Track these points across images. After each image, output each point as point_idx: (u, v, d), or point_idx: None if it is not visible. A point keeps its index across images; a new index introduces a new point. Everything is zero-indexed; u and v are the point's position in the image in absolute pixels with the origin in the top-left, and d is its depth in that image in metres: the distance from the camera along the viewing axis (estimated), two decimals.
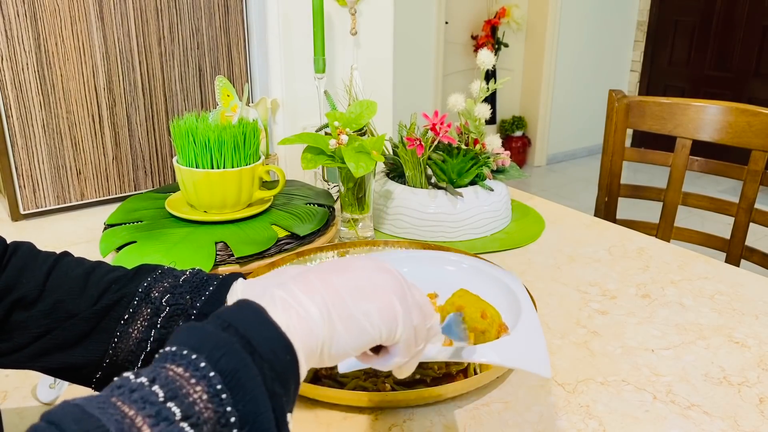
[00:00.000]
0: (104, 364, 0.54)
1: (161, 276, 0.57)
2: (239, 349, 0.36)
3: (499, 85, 1.11)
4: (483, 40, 4.40)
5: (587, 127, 4.78)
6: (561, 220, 1.18)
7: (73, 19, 1.13)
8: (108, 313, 0.55)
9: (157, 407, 0.32)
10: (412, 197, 1.08)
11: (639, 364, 0.74)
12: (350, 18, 1.42)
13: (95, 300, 0.55)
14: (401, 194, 1.09)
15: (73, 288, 0.56)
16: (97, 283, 0.56)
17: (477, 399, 0.68)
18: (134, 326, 0.54)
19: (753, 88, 4.19)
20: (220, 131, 0.98)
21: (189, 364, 0.35)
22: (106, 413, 0.32)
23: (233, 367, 0.35)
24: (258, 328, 0.38)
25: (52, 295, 0.55)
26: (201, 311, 0.54)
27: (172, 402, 0.33)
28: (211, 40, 1.28)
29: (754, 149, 1.24)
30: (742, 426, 0.64)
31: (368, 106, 1.01)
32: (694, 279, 0.96)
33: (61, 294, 0.55)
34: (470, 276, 0.78)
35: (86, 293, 0.55)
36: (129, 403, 0.32)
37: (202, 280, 0.57)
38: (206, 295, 0.55)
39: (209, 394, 0.34)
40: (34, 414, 0.65)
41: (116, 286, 0.56)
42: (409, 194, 1.08)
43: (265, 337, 0.37)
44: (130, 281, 0.57)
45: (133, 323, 0.54)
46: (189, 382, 0.34)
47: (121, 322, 0.54)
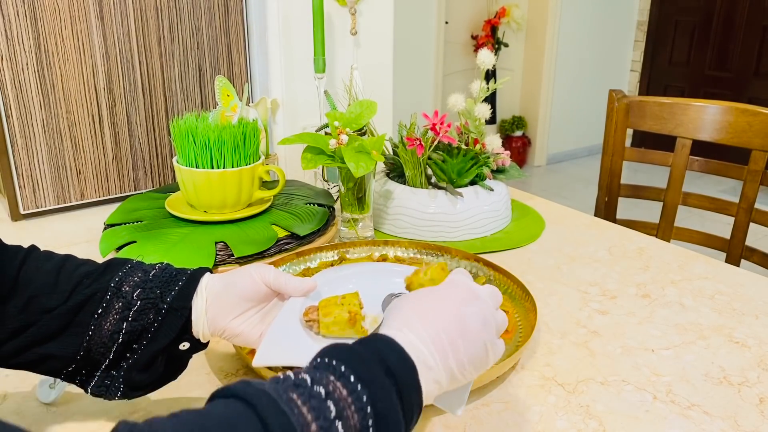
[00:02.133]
0: (78, 357, 0.56)
1: (131, 270, 0.59)
2: (395, 400, 0.43)
3: (499, 85, 1.11)
4: (483, 40, 4.40)
5: (587, 127, 4.78)
6: (561, 220, 1.18)
7: (73, 19, 1.13)
8: (82, 307, 0.56)
9: (329, 422, 0.39)
10: (412, 197, 1.08)
11: (639, 364, 0.74)
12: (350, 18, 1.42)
13: (68, 295, 0.56)
14: (401, 194, 1.09)
15: (45, 283, 0.57)
16: (68, 277, 0.58)
17: (477, 399, 0.68)
18: (107, 320, 0.56)
19: (753, 88, 4.19)
20: (220, 131, 0.98)
21: (353, 392, 0.41)
22: (293, 414, 0.38)
23: (386, 413, 0.42)
24: (410, 389, 0.44)
25: (26, 291, 0.56)
26: (171, 305, 0.57)
27: (339, 421, 0.39)
28: (211, 40, 1.28)
29: (754, 149, 1.24)
30: (742, 426, 0.64)
31: (368, 106, 1.01)
32: (694, 279, 0.96)
33: (33, 289, 0.56)
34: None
35: (59, 288, 0.57)
36: (308, 409, 0.38)
37: (171, 275, 0.59)
38: (176, 290, 0.58)
39: (361, 426, 0.40)
40: (34, 414, 0.65)
41: (88, 281, 0.58)
42: (409, 194, 1.08)
43: (413, 400, 0.45)
44: (102, 275, 0.58)
45: (105, 317, 0.56)
46: (350, 408, 0.40)
47: (94, 316, 0.56)
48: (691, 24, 4.47)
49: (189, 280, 0.59)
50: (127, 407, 0.66)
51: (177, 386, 0.69)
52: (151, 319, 0.57)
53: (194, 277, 0.59)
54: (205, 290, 0.59)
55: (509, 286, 0.87)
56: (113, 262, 0.60)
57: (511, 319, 0.81)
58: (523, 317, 0.80)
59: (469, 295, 0.53)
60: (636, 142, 4.60)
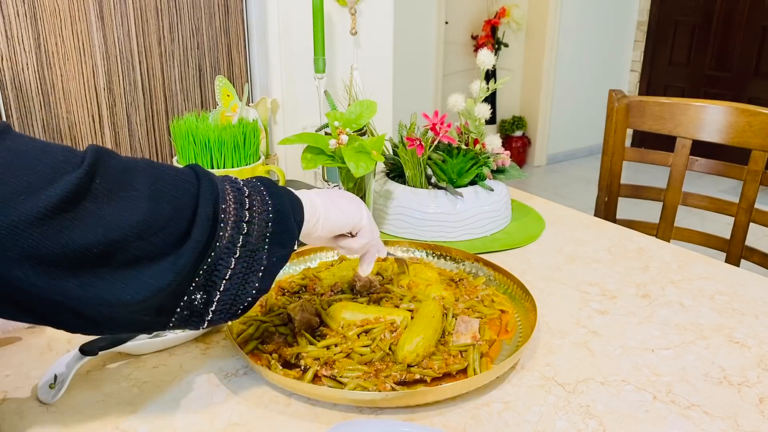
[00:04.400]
0: None
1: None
2: (280, 189, 0.63)
3: (499, 85, 1.11)
4: (483, 40, 4.40)
5: (587, 127, 4.78)
6: (561, 220, 1.18)
7: (73, 19, 1.13)
8: None
9: (242, 196, 0.58)
10: (412, 197, 1.08)
11: (639, 364, 0.74)
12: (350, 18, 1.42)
13: None
14: (401, 194, 1.09)
15: None
16: None
17: (477, 399, 0.68)
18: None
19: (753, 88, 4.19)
20: (220, 131, 0.98)
21: (258, 194, 0.60)
22: (220, 184, 0.57)
23: (274, 188, 0.63)
24: (293, 199, 0.64)
25: None
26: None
27: (239, 182, 0.60)
28: (211, 40, 1.28)
29: (754, 149, 1.24)
30: (742, 426, 0.64)
31: (368, 106, 1.01)
32: (694, 279, 0.96)
33: None
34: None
35: None
36: (230, 188, 0.58)
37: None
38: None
39: (259, 191, 0.60)
40: (35, 414, 0.65)
41: None
42: (409, 194, 1.08)
43: (294, 200, 0.64)
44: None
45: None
46: (248, 183, 0.61)
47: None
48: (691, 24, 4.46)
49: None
50: (128, 407, 0.66)
51: (177, 386, 0.69)
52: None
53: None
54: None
55: (509, 286, 0.87)
56: None
57: (511, 319, 0.81)
58: (523, 317, 0.80)
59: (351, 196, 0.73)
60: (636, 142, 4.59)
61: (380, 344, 0.72)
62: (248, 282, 0.58)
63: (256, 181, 0.62)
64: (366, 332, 0.74)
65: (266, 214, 0.59)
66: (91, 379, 0.70)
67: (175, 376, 0.71)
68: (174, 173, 0.55)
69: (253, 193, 0.59)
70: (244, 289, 0.58)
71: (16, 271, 0.45)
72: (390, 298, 0.82)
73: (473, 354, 0.71)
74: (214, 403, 0.67)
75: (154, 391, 0.69)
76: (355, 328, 0.75)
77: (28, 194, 0.45)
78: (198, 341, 0.78)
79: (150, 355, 0.75)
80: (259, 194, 0.60)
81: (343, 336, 0.74)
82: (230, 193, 0.57)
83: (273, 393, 0.68)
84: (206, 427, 0.63)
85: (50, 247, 0.46)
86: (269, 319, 0.78)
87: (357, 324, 0.75)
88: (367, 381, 0.67)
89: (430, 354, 0.71)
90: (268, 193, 0.61)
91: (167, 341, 0.75)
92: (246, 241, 0.57)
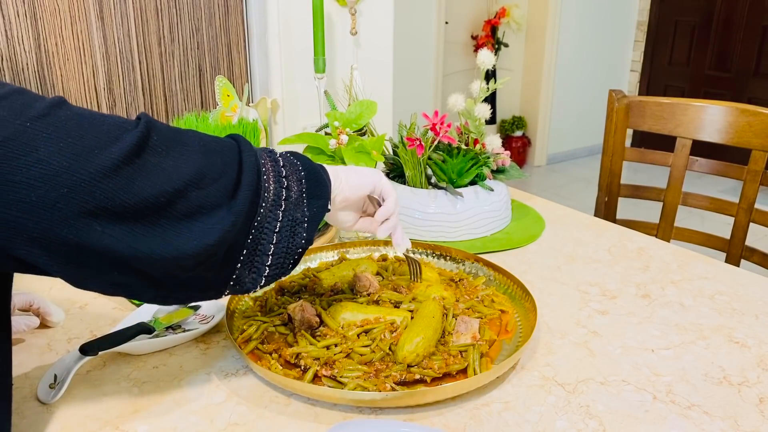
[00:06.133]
0: None
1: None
2: (308, 159, 0.67)
3: (499, 85, 1.11)
4: (483, 40, 4.40)
5: (587, 127, 4.78)
6: (561, 220, 1.18)
7: (73, 19, 1.13)
8: None
9: (271, 152, 0.64)
10: (412, 197, 1.08)
11: (639, 364, 0.74)
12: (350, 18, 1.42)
13: None
14: (401, 194, 1.09)
15: None
16: None
17: (477, 399, 0.68)
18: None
19: (753, 88, 4.19)
20: (220, 131, 0.98)
21: (285, 157, 0.65)
22: (258, 155, 0.62)
23: (298, 154, 0.67)
24: (317, 169, 0.67)
25: None
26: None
27: (284, 168, 0.63)
28: (211, 40, 1.28)
29: (754, 149, 1.24)
30: (742, 426, 0.64)
31: (368, 106, 1.01)
32: (694, 279, 0.96)
33: None
34: None
35: None
36: (266, 156, 0.63)
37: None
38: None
39: (286, 156, 0.65)
40: (35, 414, 0.65)
41: None
42: (409, 194, 1.08)
43: (317, 169, 0.67)
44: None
45: None
46: (286, 158, 0.65)
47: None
48: (691, 24, 4.46)
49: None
50: (128, 407, 0.66)
51: (177, 386, 0.69)
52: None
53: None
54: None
55: (509, 286, 0.87)
56: None
57: (511, 319, 0.81)
58: (523, 317, 0.80)
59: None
60: (636, 142, 4.59)
61: (380, 344, 0.72)
62: (296, 234, 0.62)
63: (274, 151, 0.67)
64: (366, 332, 0.74)
65: (298, 173, 0.64)
66: (91, 379, 0.70)
67: (175, 376, 0.71)
68: (215, 135, 0.61)
69: (280, 156, 0.65)
70: (293, 241, 0.62)
71: (94, 224, 0.49)
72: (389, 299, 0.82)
73: (473, 354, 0.71)
74: (214, 403, 0.67)
75: (154, 391, 0.69)
76: (355, 328, 0.75)
77: (98, 150, 0.48)
78: (198, 341, 0.78)
79: (150, 355, 0.75)
80: (285, 157, 0.65)
81: (343, 336, 0.74)
82: (264, 154, 0.63)
83: (273, 393, 0.68)
84: (206, 427, 0.63)
85: (123, 197, 0.49)
86: (269, 319, 0.78)
87: (357, 324, 0.75)
88: (367, 381, 0.67)
89: (430, 354, 0.71)
90: (293, 155, 0.66)
91: (167, 341, 0.75)
92: (288, 195, 0.62)
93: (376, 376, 0.68)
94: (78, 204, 0.47)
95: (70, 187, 0.47)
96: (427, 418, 0.65)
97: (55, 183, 0.46)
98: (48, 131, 0.47)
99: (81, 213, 0.48)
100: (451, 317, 0.78)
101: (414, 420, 0.65)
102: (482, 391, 0.69)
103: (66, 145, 0.47)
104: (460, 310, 0.80)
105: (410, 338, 0.71)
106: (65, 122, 0.48)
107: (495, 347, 0.75)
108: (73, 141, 0.48)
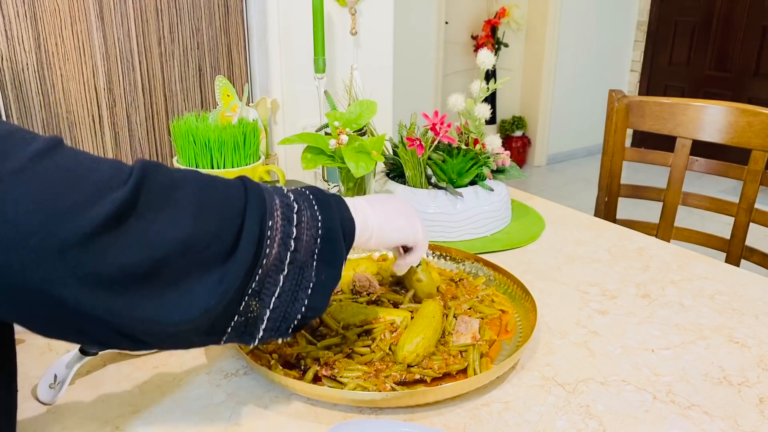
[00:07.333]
0: None
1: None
2: (332, 203, 0.61)
3: (499, 85, 1.11)
4: (483, 40, 4.39)
5: (587, 127, 4.78)
6: (561, 220, 1.18)
7: (73, 19, 1.13)
8: None
9: (290, 210, 0.57)
10: (412, 197, 1.08)
11: (639, 364, 0.74)
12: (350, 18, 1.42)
13: None
14: (401, 194, 1.09)
15: None
16: None
17: (477, 399, 0.68)
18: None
19: (753, 88, 4.19)
20: (220, 131, 0.98)
21: (299, 191, 0.60)
22: (269, 195, 0.57)
23: (326, 203, 0.60)
24: (342, 207, 0.62)
25: None
26: None
27: (291, 195, 0.59)
28: (211, 40, 1.28)
29: (754, 149, 1.24)
30: (742, 426, 0.64)
31: (368, 106, 1.01)
32: (694, 279, 0.96)
33: None
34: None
35: None
36: (280, 203, 0.57)
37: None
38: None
39: (311, 206, 0.59)
40: (35, 414, 0.65)
41: None
42: (409, 194, 1.08)
43: (345, 216, 0.62)
44: None
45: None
46: (300, 195, 0.60)
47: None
48: (691, 24, 4.46)
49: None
50: (128, 407, 0.66)
51: (177, 386, 0.69)
52: None
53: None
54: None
55: (509, 286, 0.87)
56: None
57: (511, 319, 0.81)
58: (523, 317, 0.80)
59: (405, 202, 0.72)
60: (636, 142, 4.59)
61: (380, 344, 0.72)
62: (297, 299, 0.57)
63: (308, 193, 0.60)
64: (366, 332, 0.74)
65: (315, 230, 0.58)
66: (91, 379, 0.70)
67: (175, 376, 0.71)
68: (222, 187, 0.54)
69: (303, 208, 0.58)
70: (293, 307, 0.57)
71: (64, 291, 0.45)
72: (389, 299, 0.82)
73: (473, 354, 0.71)
74: (214, 403, 0.67)
75: (154, 391, 0.69)
76: (355, 328, 0.75)
77: (74, 214, 0.44)
78: None
79: (150, 355, 0.75)
80: (309, 208, 0.58)
81: (343, 336, 0.74)
82: (278, 208, 0.56)
83: (273, 393, 0.68)
84: (206, 427, 0.63)
85: (97, 266, 0.45)
86: None
87: (357, 324, 0.75)
88: (367, 381, 0.67)
89: (430, 354, 0.71)
90: (319, 207, 0.59)
91: None
92: (294, 257, 0.56)
93: (376, 376, 0.68)
94: (46, 271, 0.44)
95: (38, 252, 0.43)
96: (427, 418, 0.65)
97: (23, 247, 0.42)
98: (22, 189, 0.43)
99: (49, 280, 0.44)
100: (452, 317, 0.78)
101: (414, 420, 0.65)
102: (482, 391, 0.69)
103: (39, 207, 0.43)
104: (462, 311, 0.80)
105: (410, 338, 0.71)
106: (45, 177, 0.44)
107: (495, 347, 0.75)
108: (49, 201, 0.43)
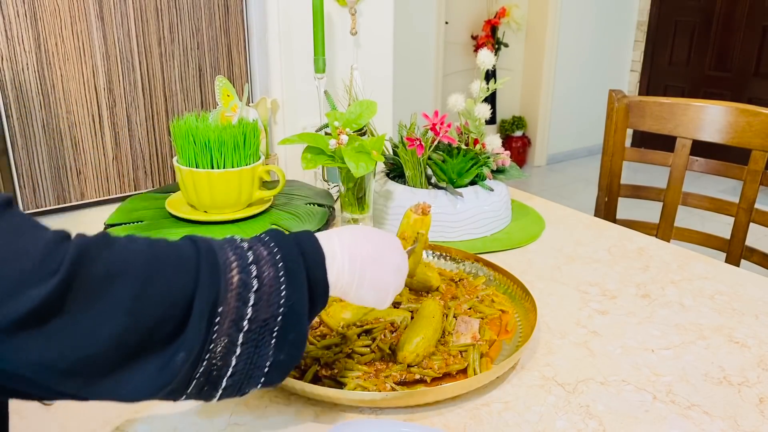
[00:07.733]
0: None
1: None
2: (302, 269, 0.54)
3: (499, 85, 1.11)
4: (483, 40, 4.39)
5: (587, 127, 4.78)
6: (561, 220, 1.18)
7: (73, 19, 1.13)
8: None
9: (246, 262, 0.51)
10: (412, 197, 1.08)
11: (639, 364, 0.74)
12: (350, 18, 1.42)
13: None
14: (401, 194, 1.09)
15: None
16: None
17: (477, 399, 0.68)
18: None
19: (753, 88, 4.19)
20: (220, 131, 0.98)
21: (271, 253, 0.53)
22: (222, 252, 0.51)
23: (295, 271, 0.54)
24: (316, 271, 0.55)
25: None
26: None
27: (254, 265, 0.52)
28: (211, 40, 1.28)
29: (754, 149, 1.24)
30: (742, 426, 0.64)
31: (368, 106, 1.01)
32: (694, 279, 0.96)
33: None
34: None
35: None
36: (233, 254, 0.52)
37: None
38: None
39: (276, 277, 0.52)
40: (35, 414, 0.65)
41: None
42: (409, 194, 1.08)
43: (318, 276, 0.56)
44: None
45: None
46: (267, 262, 0.52)
47: None
48: (691, 24, 4.46)
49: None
50: (128, 407, 0.66)
51: None
52: None
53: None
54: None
55: (509, 286, 0.87)
56: None
57: (511, 319, 0.81)
58: (523, 317, 0.80)
59: (398, 248, 0.64)
60: (636, 142, 4.59)
61: (380, 344, 0.72)
62: (252, 377, 0.52)
63: (279, 258, 0.53)
64: (366, 332, 0.74)
65: (275, 307, 0.52)
66: None
67: None
68: (171, 270, 0.48)
69: (265, 285, 0.52)
70: (248, 383, 0.52)
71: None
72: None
73: (473, 354, 0.71)
74: (214, 403, 0.67)
75: None
76: (355, 328, 0.75)
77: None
78: None
79: None
80: (275, 279, 0.52)
81: (343, 336, 0.74)
82: (235, 288, 0.50)
83: (273, 393, 0.68)
84: (206, 427, 0.63)
85: (12, 362, 0.41)
86: None
87: (357, 324, 0.75)
88: (367, 381, 0.67)
89: (430, 354, 0.71)
90: (286, 279, 0.53)
91: None
92: (247, 338, 0.50)
93: (376, 376, 0.68)
94: None
95: None
96: (427, 418, 0.65)
97: None
98: None
99: None
100: (452, 317, 0.78)
101: (414, 420, 0.65)
102: (482, 391, 0.69)
103: None
104: (462, 311, 0.80)
105: (410, 338, 0.71)
106: None
107: (495, 347, 0.75)
108: None
